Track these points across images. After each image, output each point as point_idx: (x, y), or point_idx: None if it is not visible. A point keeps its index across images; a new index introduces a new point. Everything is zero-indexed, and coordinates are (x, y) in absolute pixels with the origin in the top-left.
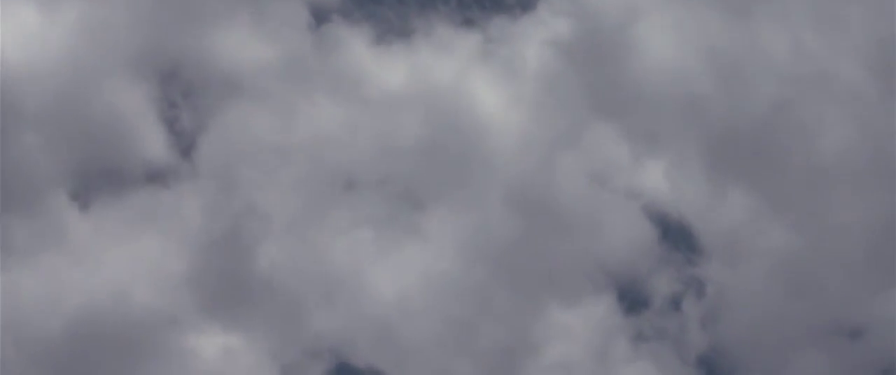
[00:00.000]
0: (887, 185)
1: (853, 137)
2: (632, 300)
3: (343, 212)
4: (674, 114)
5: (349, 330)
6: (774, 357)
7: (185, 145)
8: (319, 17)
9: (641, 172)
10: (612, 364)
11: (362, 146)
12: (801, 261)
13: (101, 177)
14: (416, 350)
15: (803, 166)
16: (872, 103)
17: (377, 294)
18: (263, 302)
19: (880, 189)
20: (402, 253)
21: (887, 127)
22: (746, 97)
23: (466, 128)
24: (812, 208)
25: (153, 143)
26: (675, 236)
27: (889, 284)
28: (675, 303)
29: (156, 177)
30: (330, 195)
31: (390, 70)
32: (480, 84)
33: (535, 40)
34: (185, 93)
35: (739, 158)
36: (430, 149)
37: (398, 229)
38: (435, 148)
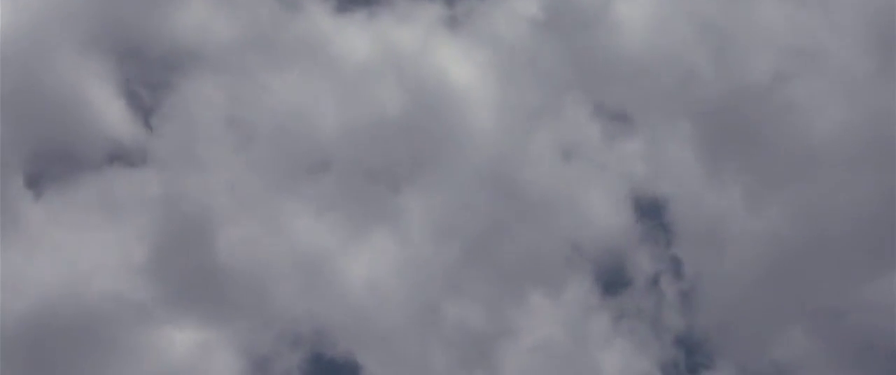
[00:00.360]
0: (877, 169)
1: (845, 118)
2: (610, 280)
3: (313, 194)
4: (655, 90)
5: (322, 319)
6: (752, 337)
7: (146, 125)
8: None
9: (621, 150)
10: (590, 346)
11: (331, 122)
12: (783, 242)
13: (59, 161)
14: (391, 337)
15: (790, 146)
16: (866, 83)
17: (350, 279)
18: (230, 291)
19: (870, 172)
20: (375, 235)
21: (881, 108)
22: (732, 74)
23: (435, 102)
24: (797, 189)
25: (113, 123)
26: (654, 216)
27: (872, 270)
28: (654, 284)
29: (116, 158)
30: (299, 175)
31: (355, 40)
32: (446, 55)
33: (505, 10)
34: (145, 71)
35: (723, 136)
36: (401, 127)
37: (370, 210)
38: (405, 125)
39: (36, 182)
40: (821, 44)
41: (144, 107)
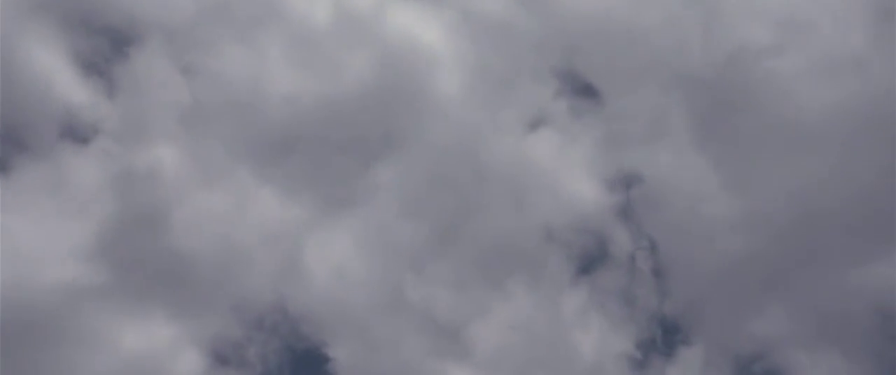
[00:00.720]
0: (865, 149)
1: (832, 95)
2: (585, 259)
3: (278, 171)
4: (635, 61)
5: (290, 305)
6: (730, 315)
7: (99, 100)
8: None
9: (595, 124)
10: (566, 325)
11: (293, 94)
12: (763, 220)
13: (5, 139)
14: (362, 322)
15: (775, 123)
16: (857, 59)
17: (319, 263)
18: (190, 276)
19: (857, 152)
20: (344, 216)
21: (871, 86)
22: (717, 47)
23: (400, 72)
24: (781, 167)
25: (63, 99)
26: (631, 192)
27: (853, 251)
28: (631, 262)
29: (66, 136)
30: (262, 151)
31: (313, 5)
32: (409, 19)
33: None
34: (98, 42)
35: (705, 112)
36: (366, 98)
37: (338, 189)
38: (370, 97)
39: None
40: (811, 16)
41: (97, 82)
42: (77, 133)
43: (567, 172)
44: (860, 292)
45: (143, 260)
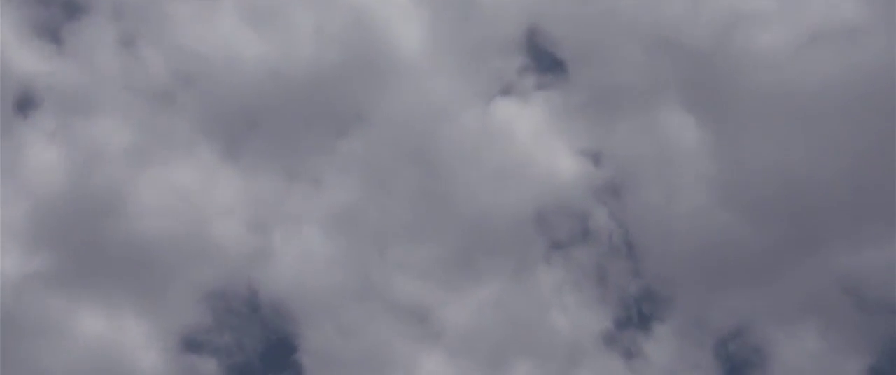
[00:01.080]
0: (851, 125)
1: (820, 70)
2: (560, 235)
3: (240, 148)
4: (611, 30)
5: (258, 291)
6: (701, 292)
7: (45, 70)
8: None
9: (567, 95)
10: (540, 303)
11: (254, 67)
12: (740, 197)
13: None
14: (330, 307)
15: (759, 97)
16: (846, 34)
17: (285, 246)
18: (147, 264)
19: (842, 128)
20: (310, 196)
21: (860, 61)
22: (699, 16)
23: (365, 42)
24: (764, 141)
25: (12, 72)
26: (606, 167)
27: (835, 228)
28: (605, 238)
29: (15, 109)
30: (222, 127)
31: None
32: None
33: None
34: (50, 15)
35: (685, 85)
36: (329, 71)
37: (303, 167)
38: (335, 69)
39: None
40: None
41: (48, 52)
42: (25, 107)
43: (541, 146)
44: (841, 272)
45: (98, 243)
